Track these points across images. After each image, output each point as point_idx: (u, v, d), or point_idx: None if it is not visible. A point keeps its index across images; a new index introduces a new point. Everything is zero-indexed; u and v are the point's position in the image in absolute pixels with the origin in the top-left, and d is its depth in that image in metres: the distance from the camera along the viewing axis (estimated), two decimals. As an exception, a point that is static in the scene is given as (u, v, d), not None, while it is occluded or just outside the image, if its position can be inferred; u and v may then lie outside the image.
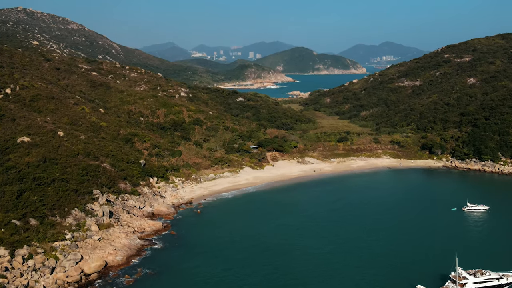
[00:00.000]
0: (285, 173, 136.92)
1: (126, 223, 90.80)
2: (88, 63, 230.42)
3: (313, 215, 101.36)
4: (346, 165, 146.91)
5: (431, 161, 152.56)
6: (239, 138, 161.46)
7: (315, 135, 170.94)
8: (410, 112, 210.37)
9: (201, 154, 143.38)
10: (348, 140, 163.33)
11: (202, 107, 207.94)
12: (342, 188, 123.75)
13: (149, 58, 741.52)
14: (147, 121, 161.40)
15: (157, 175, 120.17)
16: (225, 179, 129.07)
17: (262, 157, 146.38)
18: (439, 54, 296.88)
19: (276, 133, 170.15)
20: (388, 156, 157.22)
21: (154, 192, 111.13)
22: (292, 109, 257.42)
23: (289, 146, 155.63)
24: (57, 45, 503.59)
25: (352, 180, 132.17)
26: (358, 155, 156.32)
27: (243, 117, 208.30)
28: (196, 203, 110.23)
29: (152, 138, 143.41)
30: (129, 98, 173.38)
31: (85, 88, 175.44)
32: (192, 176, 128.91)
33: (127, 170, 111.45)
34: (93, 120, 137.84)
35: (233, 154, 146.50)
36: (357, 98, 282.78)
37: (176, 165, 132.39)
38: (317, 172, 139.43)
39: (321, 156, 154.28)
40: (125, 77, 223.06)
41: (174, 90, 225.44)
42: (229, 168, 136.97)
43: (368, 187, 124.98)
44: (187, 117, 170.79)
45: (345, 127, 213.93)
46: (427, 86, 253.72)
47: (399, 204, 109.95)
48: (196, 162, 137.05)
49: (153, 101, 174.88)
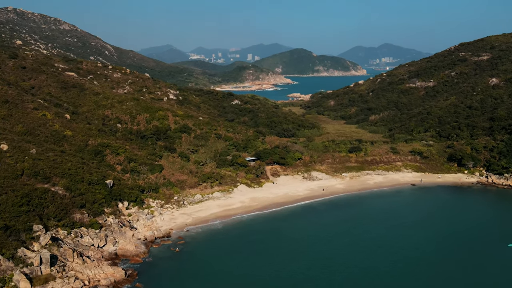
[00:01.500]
0: (289, 192, 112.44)
1: (75, 273, 66.24)
2: (65, 62, 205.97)
3: (328, 257, 76.60)
4: (361, 182, 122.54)
5: (461, 175, 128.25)
6: (233, 148, 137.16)
7: (322, 144, 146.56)
8: (426, 116, 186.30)
9: (187, 168, 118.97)
10: (361, 150, 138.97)
11: (193, 111, 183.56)
12: (360, 215, 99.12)
13: (143, 59, 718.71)
14: (125, 129, 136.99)
15: (128, 199, 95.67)
16: (214, 201, 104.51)
17: (260, 172, 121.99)
18: (452, 52, 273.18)
19: (276, 142, 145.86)
20: (409, 169, 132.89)
21: (122, 222, 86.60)
22: (293, 113, 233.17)
23: (293, 158, 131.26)
24: (44, 45, 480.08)
25: (371, 203, 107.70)
26: (374, 168, 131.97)
27: (239, 123, 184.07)
28: (176, 237, 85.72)
29: (128, 149, 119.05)
30: (106, 101, 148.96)
31: (54, 90, 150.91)
32: (174, 197, 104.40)
33: (88, 194, 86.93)
34: (56, 128, 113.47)
35: (225, 169, 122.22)
36: (364, 100, 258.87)
37: (155, 183, 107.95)
38: (327, 190, 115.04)
39: (330, 169, 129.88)
40: (106, 78, 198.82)
41: (162, 92, 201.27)
42: (220, 187, 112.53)
43: (393, 212, 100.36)
44: (173, 123, 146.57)
45: (354, 133, 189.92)
46: (441, 87, 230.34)
47: (438, 240, 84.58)
48: (180, 179, 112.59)
49: (134, 105, 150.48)
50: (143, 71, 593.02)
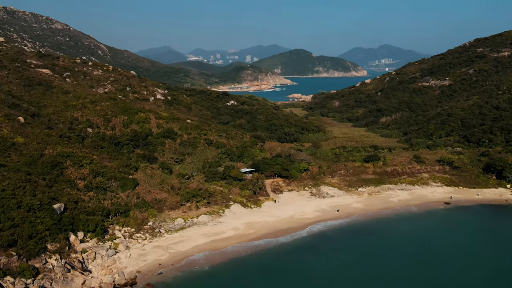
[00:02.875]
0: (295, 214, 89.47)
1: None
2: (39, 57, 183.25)
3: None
4: (382, 199, 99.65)
5: (503, 191, 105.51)
6: (226, 157, 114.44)
7: (331, 151, 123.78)
8: (447, 119, 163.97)
9: (168, 184, 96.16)
10: (379, 159, 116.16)
11: (182, 113, 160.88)
12: (386, 246, 75.88)
13: (138, 59, 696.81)
14: (96, 134, 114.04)
15: (85, 228, 72.71)
16: (200, 228, 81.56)
17: (258, 187, 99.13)
18: (468, 48, 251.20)
19: (278, 149, 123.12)
20: (438, 182, 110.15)
21: (70, 263, 63.67)
22: (295, 115, 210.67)
23: (298, 170, 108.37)
24: (32, 44, 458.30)
25: (398, 229, 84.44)
26: (396, 182, 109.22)
27: (235, 126, 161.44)
28: (143, 284, 62.89)
29: (95, 160, 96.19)
30: (76, 101, 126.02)
31: (16, 87, 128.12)
32: (148, 223, 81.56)
33: (23, 226, 64.05)
34: (3, 134, 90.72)
35: (216, 183, 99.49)
36: (373, 101, 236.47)
37: (125, 204, 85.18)
38: (342, 211, 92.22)
39: (343, 183, 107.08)
40: (85, 76, 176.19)
41: (148, 92, 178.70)
42: (208, 207, 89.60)
43: (428, 243, 76.89)
44: (156, 127, 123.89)
45: (364, 137, 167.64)
46: (459, 86, 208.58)
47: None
48: (158, 198, 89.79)
49: (110, 106, 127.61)
50: (137, 71, 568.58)
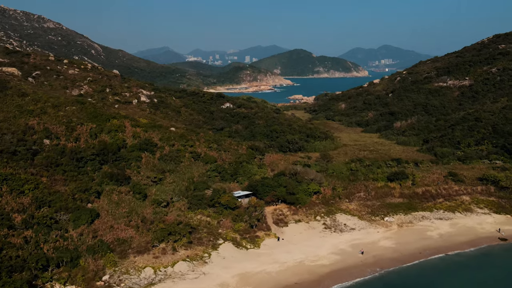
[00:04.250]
0: (305, 259, 66.39)
1: None
2: (6, 55, 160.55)
3: None
4: (418, 234, 76.56)
5: None
6: (216, 175, 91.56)
7: (346, 166, 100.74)
8: (475, 124, 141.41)
9: (139, 214, 73.30)
10: (407, 178, 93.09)
11: (167, 118, 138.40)
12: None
13: (134, 59, 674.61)
14: (55, 147, 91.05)
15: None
16: (175, 285, 58.57)
17: (256, 218, 76.13)
18: (487, 45, 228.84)
19: (280, 163, 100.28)
20: (483, 207, 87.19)
21: None
22: (298, 119, 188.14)
23: (307, 193, 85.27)
24: (18, 43, 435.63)
25: (449, 285, 61.72)
26: (430, 207, 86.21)
27: (230, 133, 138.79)
28: None
29: (43, 183, 73.43)
30: (34, 105, 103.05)
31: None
32: (103, 277, 58.62)
33: None
34: None
35: (201, 211, 76.62)
36: (384, 103, 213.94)
37: (74, 248, 62.33)
38: (368, 253, 69.20)
39: (364, 210, 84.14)
40: (59, 75, 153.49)
41: (131, 93, 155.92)
42: (188, 249, 66.56)
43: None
44: (131, 137, 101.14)
45: (378, 145, 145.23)
46: (481, 86, 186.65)
47: None
48: (121, 237, 66.85)
49: (76, 111, 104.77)
50: (132, 71, 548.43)
